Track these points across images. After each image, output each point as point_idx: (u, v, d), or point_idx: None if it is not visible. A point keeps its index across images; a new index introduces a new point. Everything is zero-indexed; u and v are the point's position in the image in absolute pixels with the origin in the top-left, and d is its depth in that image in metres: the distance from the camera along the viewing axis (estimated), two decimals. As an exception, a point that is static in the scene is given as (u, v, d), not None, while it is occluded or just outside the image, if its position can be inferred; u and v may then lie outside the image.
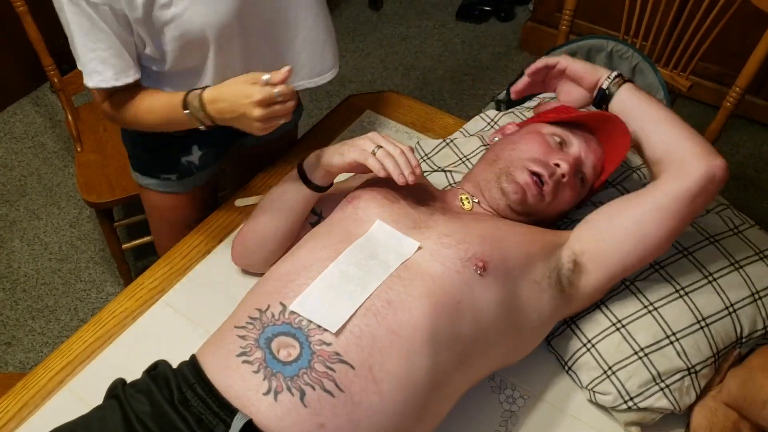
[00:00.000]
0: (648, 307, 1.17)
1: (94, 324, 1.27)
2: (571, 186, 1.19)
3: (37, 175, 2.59)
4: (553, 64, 1.21)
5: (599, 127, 1.21)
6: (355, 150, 1.11)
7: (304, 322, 0.98)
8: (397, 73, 3.00)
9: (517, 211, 1.18)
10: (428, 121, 1.67)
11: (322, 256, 1.07)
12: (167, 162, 1.47)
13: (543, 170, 1.15)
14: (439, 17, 3.29)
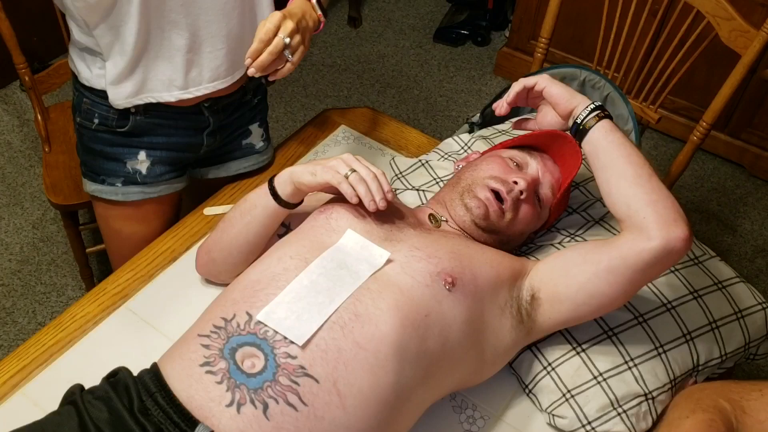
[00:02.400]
0: (608, 332, 1.19)
1: (54, 327, 1.24)
2: (530, 204, 1.22)
3: (1, 174, 2.55)
4: (530, 85, 1.20)
5: (550, 144, 1.26)
6: (329, 172, 1.11)
7: (269, 333, 0.97)
8: (374, 90, 3.02)
9: (482, 227, 1.20)
10: (402, 138, 1.68)
11: (292, 265, 1.06)
12: (112, 165, 1.41)
13: (502, 187, 1.19)
14: (416, 38, 3.32)
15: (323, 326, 0.98)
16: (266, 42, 1.17)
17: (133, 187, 1.43)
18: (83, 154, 1.45)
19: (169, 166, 1.45)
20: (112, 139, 1.37)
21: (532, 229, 1.27)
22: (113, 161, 1.40)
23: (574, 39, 2.80)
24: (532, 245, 1.32)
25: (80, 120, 1.39)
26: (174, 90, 1.32)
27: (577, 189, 1.40)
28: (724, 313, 1.25)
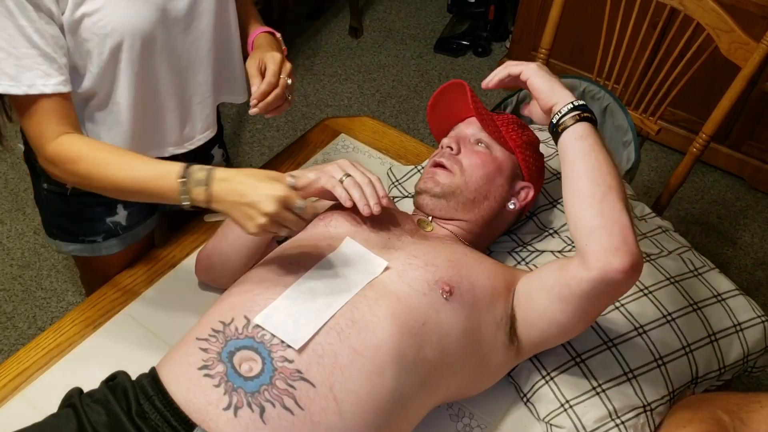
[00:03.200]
0: (607, 343, 1.19)
1: (54, 331, 1.25)
2: (470, 151, 1.25)
3: (3, 180, 2.56)
4: (516, 73, 1.13)
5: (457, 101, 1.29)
6: (324, 176, 1.12)
7: (267, 337, 0.98)
8: (374, 100, 3.03)
9: (442, 194, 1.23)
10: (401, 148, 1.69)
11: (290, 271, 1.07)
12: (90, 225, 1.37)
13: (435, 158, 1.26)
14: (417, 48, 3.34)
15: (320, 331, 0.99)
16: (274, 84, 1.21)
17: (114, 240, 1.39)
18: (53, 218, 1.39)
19: (145, 209, 1.43)
20: (89, 200, 1.32)
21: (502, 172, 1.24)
22: (91, 222, 1.36)
23: (574, 50, 2.81)
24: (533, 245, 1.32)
25: (48, 186, 1.33)
26: (168, 147, 1.32)
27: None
28: (723, 325, 1.25)
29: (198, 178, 1.02)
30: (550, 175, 1.44)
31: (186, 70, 1.25)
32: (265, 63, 1.24)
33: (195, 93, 1.29)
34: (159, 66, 1.20)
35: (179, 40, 1.20)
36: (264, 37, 1.33)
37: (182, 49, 1.22)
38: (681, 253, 1.33)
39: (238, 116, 2.90)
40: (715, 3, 1.63)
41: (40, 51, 1.05)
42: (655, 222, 1.40)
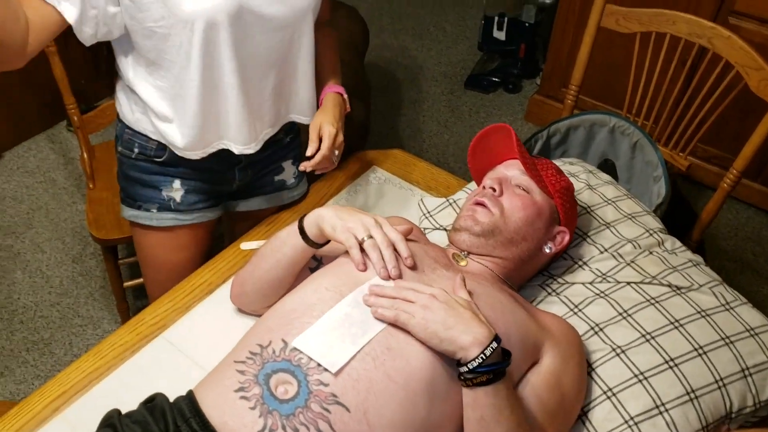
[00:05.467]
0: (638, 376, 1.19)
1: (94, 355, 1.28)
2: (512, 193, 1.26)
3: (45, 210, 2.63)
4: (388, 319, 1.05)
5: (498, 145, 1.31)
6: (345, 233, 1.14)
7: (303, 360, 1.00)
8: (405, 135, 3.07)
9: (481, 233, 1.23)
10: (432, 180, 1.72)
11: (327, 297, 1.09)
12: (148, 192, 1.49)
13: (476, 197, 1.27)
14: (448, 85, 3.39)
15: (356, 356, 1.01)
16: (327, 157, 1.39)
17: (167, 213, 1.50)
18: (122, 181, 1.53)
19: (202, 196, 1.52)
20: (150, 168, 1.46)
21: (541, 217, 1.26)
22: (149, 188, 1.48)
23: (604, 87, 2.84)
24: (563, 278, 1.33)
25: (121, 149, 1.48)
26: (224, 140, 1.43)
27: (607, 229, 1.42)
28: (757, 360, 1.24)
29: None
30: (581, 210, 1.46)
31: (250, 68, 1.34)
32: (322, 134, 1.40)
33: (257, 95, 1.39)
34: (226, 55, 1.29)
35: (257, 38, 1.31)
36: (332, 97, 1.47)
37: (252, 45, 1.31)
38: (712, 287, 1.33)
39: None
40: (743, 41, 1.65)
41: None
42: (686, 255, 1.40)
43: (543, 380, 1.13)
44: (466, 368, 0.99)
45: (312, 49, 1.42)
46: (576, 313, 1.29)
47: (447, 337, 1.00)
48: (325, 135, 1.39)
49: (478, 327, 1.00)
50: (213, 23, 1.24)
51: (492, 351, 0.98)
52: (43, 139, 2.90)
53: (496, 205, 1.24)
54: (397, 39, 3.66)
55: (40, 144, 2.89)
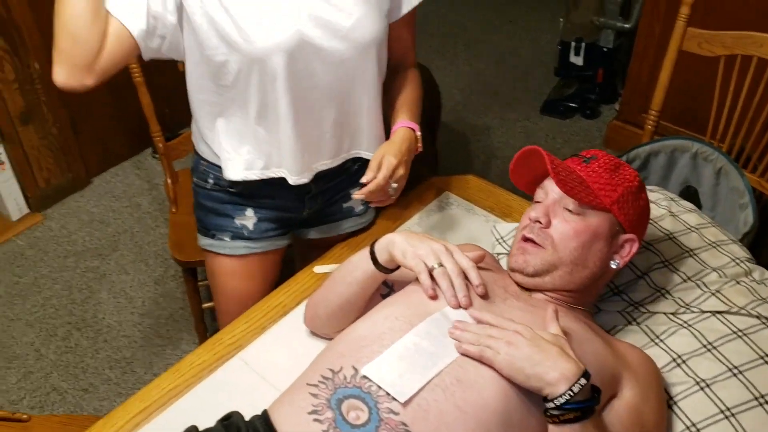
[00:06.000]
0: (725, 412, 1.13)
1: (173, 373, 1.32)
2: (562, 219, 1.17)
3: (130, 233, 2.74)
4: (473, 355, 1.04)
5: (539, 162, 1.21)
6: (415, 260, 1.14)
7: (373, 388, 1.00)
8: (479, 161, 3.06)
9: (536, 272, 1.17)
10: (506, 206, 1.70)
11: (397, 326, 1.09)
12: (222, 221, 1.52)
13: (524, 231, 1.20)
14: (523, 110, 3.36)
15: (425, 387, 1.00)
16: (382, 186, 1.37)
17: (240, 242, 1.53)
18: (198, 211, 1.57)
19: (274, 224, 1.55)
20: (223, 197, 1.50)
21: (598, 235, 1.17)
22: (223, 217, 1.52)
23: (686, 111, 2.76)
24: (645, 306, 1.29)
25: (197, 180, 1.53)
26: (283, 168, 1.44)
27: (691, 257, 1.37)
28: None
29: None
30: (663, 235, 1.41)
31: (308, 101, 1.35)
32: (382, 164, 1.38)
33: (314, 127, 1.40)
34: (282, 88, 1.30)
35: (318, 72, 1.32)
36: (402, 132, 1.46)
37: (310, 79, 1.32)
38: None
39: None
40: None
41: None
42: (776, 286, 1.34)
43: (624, 416, 1.09)
44: (553, 405, 0.96)
45: (377, 86, 1.42)
46: (657, 343, 1.25)
47: (534, 373, 0.98)
48: (384, 165, 1.38)
49: (565, 362, 0.97)
50: (273, 57, 1.26)
51: (580, 388, 0.96)
52: (129, 166, 3.03)
53: (546, 239, 1.17)
54: (471, 65, 3.67)
55: (126, 170, 3.02)
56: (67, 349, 2.30)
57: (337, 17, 1.28)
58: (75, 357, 2.27)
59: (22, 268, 2.57)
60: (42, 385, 2.19)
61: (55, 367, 2.24)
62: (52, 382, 2.20)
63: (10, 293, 2.48)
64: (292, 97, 1.32)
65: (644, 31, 2.84)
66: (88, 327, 2.37)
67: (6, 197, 2.65)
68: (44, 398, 2.15)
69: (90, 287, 2.51)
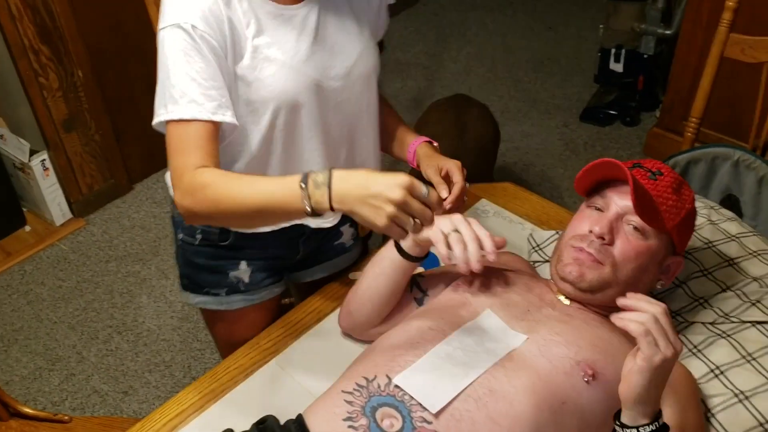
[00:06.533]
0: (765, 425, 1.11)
1: (209, 377, 1.34)
2: (624, 238, 1.13)
3: (170, 238, 2.79)
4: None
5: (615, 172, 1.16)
6: (432, 229, 1.08)
7: (406, 397, 1.01)
8: (517, 168, 3.05)
9: (590, 289, 1.14)
10: (543, 214, 1.69)
11: (430, 336, 1.10)
12: (215, 277, 1.45)
13: (581, 242, 1.15)
14: (562, 117, 3.34)
15: (458, 397, 1.00)
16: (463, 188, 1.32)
17: (236, 296, 1.46)
18: (185, 269, 1.49)
19: (269, 272, 1.48)
20: (215, 253, 1.42)
21: (655, 258, 1.16)
22: (216, 273, 1.44)
23: (728, 119, 2.71)
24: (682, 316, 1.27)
25: (183, 236, 1.44)
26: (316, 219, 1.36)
27: (731, 267, 1.34)
28: None
29: (318, 181, 1.01)
30: (702, 244, 1.39)
31: (330, 145, 1.33)
32: (447, 169, 1.33)
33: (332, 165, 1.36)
34: (308, 135, 1.29)
35: (330, 115, 1.30)
36: (427, 146, 1.44)
37: (331, 124, 1.31)
38: None
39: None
40: None
41: (220, 84, 1.15)
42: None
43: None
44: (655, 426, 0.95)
45: (375, 121, 1.40)
46: (695, 354, 1.23)
47: (655, 395, 0.95)
48: (454, 169, 1.32)
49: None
50: (294, 104, 1.23)
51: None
52: (170, 172, 3.08)
53: (607, 257, 1.13)
54: (510, 72, 3.65)
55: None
56: (108, 352, 2.35)
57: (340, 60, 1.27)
58: (115, 360, 2.32)
59: (66, 272, 2.64)
60: (83, 387, 2.24)
61: (96, 369, 2.29)
62: (93, 385, 2.25)
63: (54, 296, 2.54)
64: (315, 143, 1.30)
65: (686, 38, 2.80)
66: (128, 330, 2.42)
67: (50, 203, 2.72)
68: (85, 400, 2.20)
69: (131, 291, 2.56)
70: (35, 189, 2.68)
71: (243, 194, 1.09)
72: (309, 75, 1.23)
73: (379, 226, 0.98)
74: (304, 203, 1.02)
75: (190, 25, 1.11)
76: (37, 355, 2.34)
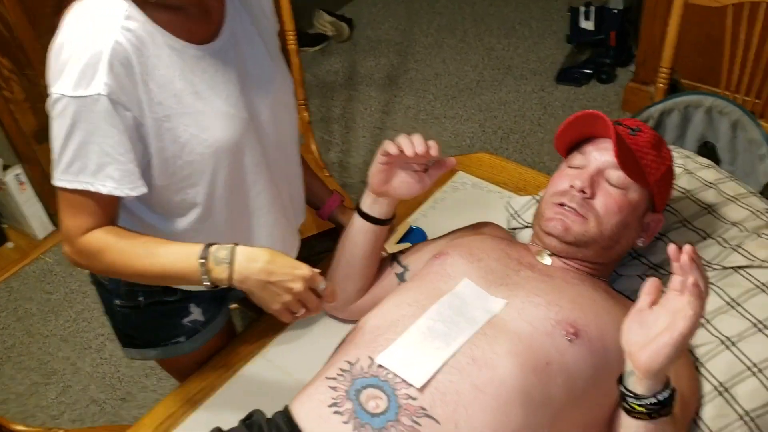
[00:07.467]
0: (752, 369, 1.11)
1: (198, 377, 1.33)
2: (604, 193, 1.14)
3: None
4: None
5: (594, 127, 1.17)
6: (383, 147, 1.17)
7: (390, 375, 1.00)
8: (496, 137, 3.03)
9: (575, 242, 1.14)
10: (521, 180, 1.68)
11: (409, 312, 1.09)
12: (170, 329, 1.37)
13: (562, 198, 1.16)
14: (538, 82, 3.31)
15: (441, 370, 1.00)
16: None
17: (197, 337, 1.39)
18: (131, 331, 1.39)
19: (217, 302, 1.42)
20: (163, 309, 1.34)
21: (636, 213, 1.16)
22: (170, 327, 1.37)
23: (704, 66, 2.69)
24: (664, 268, 1.27)
25: (122, 303, 1.34)
26: None
27: (709, 214, 1.33)
28: None
29: (219, 257, 1.04)
30: (680, 195, 1.38)
31: (274, 183, 1.27)
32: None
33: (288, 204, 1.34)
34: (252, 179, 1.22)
35: (269, 151, 1.23)
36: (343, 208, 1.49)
37: (271, 160, 1.24)
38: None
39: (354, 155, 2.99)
40: None
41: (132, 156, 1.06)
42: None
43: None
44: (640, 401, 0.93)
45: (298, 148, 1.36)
46: (679, 305, 1.22)
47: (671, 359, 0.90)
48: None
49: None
50: (237, 150, 1.16)
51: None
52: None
53: (590, 212, 1.14)
54: (482, 41, 3.62)
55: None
56: (102, 360, 2.34)
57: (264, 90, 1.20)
58: (110, 368, 2.31)
59: (53, 285, 2.62)
60: (81, 398, 2.23)
61: (92, 379, 2.28)
62: (91, 394, 2.24)
63: (43, 310, 2.52)
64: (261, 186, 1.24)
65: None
66: (121, 337, 2.41)
67: (30, 217, 2.69)
68: (84, 411, 2.19)
69: (120, 298, 2.54)
70: (12, 204, 2.65)
71: (140, 263, 1.08)
72: (243, 116, 1.15)
73: (272, 309, 1.06)
74: (203, 278, 1.05)
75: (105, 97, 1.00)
76: (31, 371, 2.32)
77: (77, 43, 1.01)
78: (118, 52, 1.01)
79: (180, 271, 1.06)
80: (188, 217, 1.20)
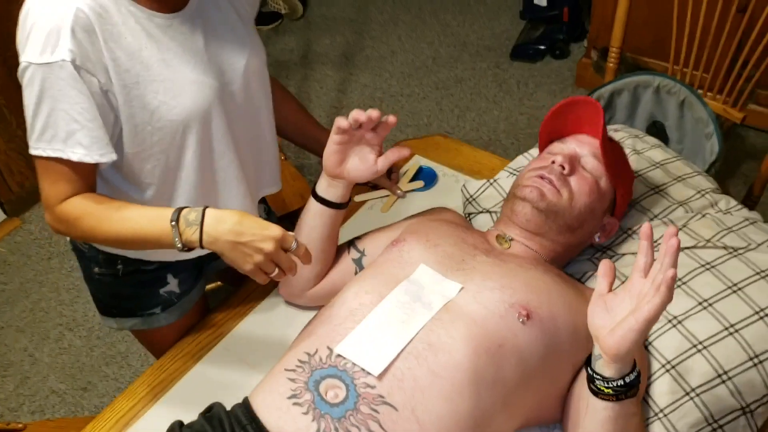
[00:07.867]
0: (697, 346, 1.15)
1: (157, 368, 1.33)
2: (580, 176, 1.21)
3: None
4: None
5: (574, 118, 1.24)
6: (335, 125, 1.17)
7: (349, 365, 1.02)
8: (453, 116, 3.04)
9: (544, 209, 1.19)
10: (476, 163, 1.70)
11: (367, 300, 1.11)
12: (146, 299, 1.40)
13: (543, 171, 1.21)
14: (493, 58, 3.33)
15: (398, 357, 1.01)
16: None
17: (172, 309, 1.42)
18: (109, 299, 1.43)
19: (195, 273, 1.46)
20: (141, 278, 1.37)
21: (601, 205, 1.23)
22: (146, 297, 1.40)
23: (656, 43, 2.73)
24: (612, 249, 1.30)
25: (100, 270, 1.37)
26: None
27: (656, 194, 1.37)
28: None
29: (190, 219, 1.05)
30: (628, 176, 1.41)
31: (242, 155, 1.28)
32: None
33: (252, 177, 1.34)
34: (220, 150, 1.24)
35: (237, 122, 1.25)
36: None
37: (239, 131, 1.26)
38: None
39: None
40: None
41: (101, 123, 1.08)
42: (742, 214, 1.34)
43: None
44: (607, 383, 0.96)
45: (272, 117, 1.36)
46: (628, 286, 1.25)
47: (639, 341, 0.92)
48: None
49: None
50: (205, 118, 1.18)
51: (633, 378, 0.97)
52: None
53: (565, 186, 1.20)
54: (437, 18, 3.62)
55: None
56: (62, 350, 2.31)
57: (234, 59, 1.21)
58: (70, 357, 2.29)
59: (7, 275, 2.57)
60: (40, 389, 2.21)
61: (51, 369, 2.26)
62: (50, 385, 2.22)
63: (-2, 301, 2.49)
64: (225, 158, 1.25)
65: (603, -37, 2.80)
66: (79, 326, 2.38)
67: (-19, 206, 2.64)
68: (44, 402, 2.17)
69: (77, 286, 2.51)
70: (-38, 194, 2.60)
71: (116, 228, 1.10)
72: (213, 84, 1.17)
73: (245, 270, 1.05)
74: (175, 240, 1.05)
75: (69, 63, 1.02)
76: (-12, 364, 2.30)
77: (41, 11, 1.03)
78: (80, 18, 1.03)
79: (153, 234, 1.08)
80: (159, 186, 1.22)
